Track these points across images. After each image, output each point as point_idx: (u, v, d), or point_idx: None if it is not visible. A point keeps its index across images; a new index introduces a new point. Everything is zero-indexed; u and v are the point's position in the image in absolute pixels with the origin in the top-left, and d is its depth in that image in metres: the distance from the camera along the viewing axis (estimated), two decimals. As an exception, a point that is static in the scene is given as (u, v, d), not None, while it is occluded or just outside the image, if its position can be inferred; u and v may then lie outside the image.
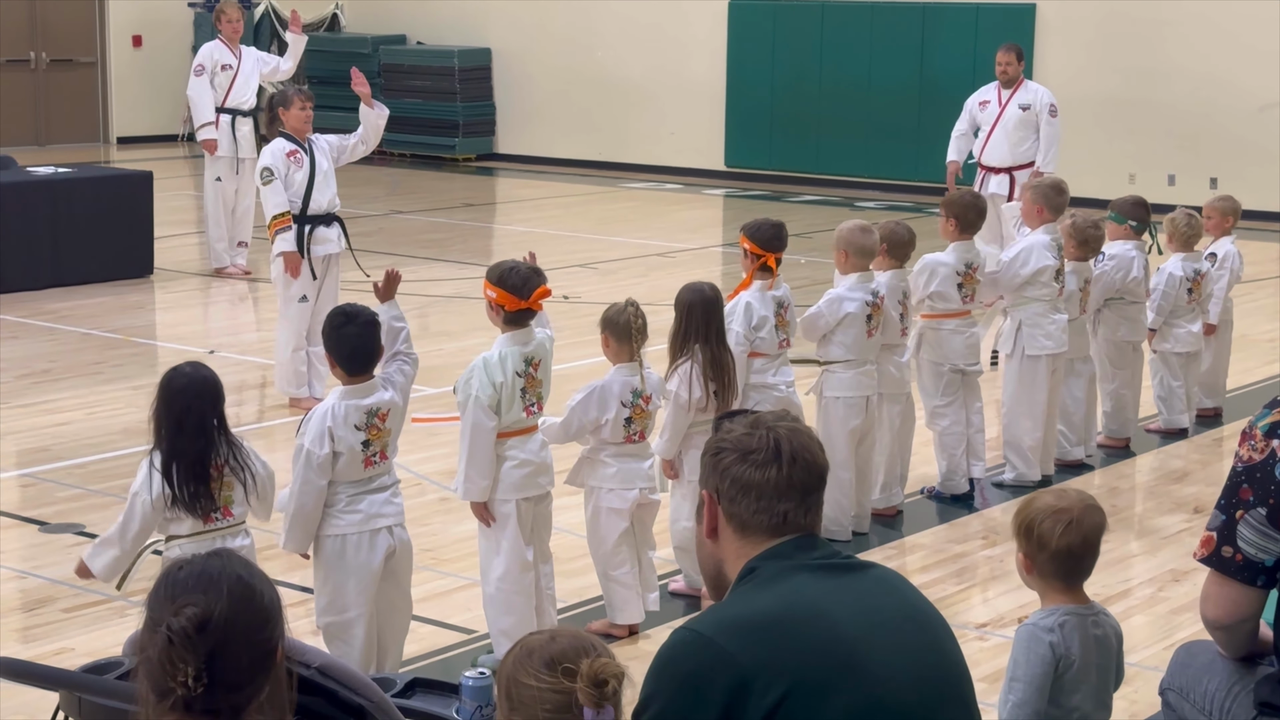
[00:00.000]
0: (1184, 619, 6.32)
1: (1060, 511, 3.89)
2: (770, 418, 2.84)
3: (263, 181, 9.17)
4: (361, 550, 5.42)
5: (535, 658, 2.69)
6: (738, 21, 20.20)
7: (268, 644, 2.52)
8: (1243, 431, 3.35)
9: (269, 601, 2.54)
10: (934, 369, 8.01)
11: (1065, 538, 3.87)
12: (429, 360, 10.03)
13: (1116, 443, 8.98)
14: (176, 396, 5.03)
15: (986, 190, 12.73)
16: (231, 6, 13.92)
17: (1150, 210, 9.09)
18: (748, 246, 7.03)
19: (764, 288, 7.00)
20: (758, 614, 2.67)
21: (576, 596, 6.56)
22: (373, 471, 5.45)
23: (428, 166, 21.61)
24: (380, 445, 5.44)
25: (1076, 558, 3.91)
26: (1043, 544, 3.88)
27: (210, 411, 5.04)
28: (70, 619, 6.31)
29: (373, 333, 5.45)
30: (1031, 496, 4.02)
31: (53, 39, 22.23)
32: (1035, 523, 3.90)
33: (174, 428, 5.01)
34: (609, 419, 6.06)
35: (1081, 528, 3.89)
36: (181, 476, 5.01)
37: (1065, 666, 3.85)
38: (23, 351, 10.78)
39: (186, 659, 2.42)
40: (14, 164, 13.70)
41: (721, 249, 15.85)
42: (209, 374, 5.11)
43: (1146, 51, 17.77)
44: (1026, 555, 3.94)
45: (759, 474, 2.77)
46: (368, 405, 5.39)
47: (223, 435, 5.07)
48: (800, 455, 2.79)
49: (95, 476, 8.14)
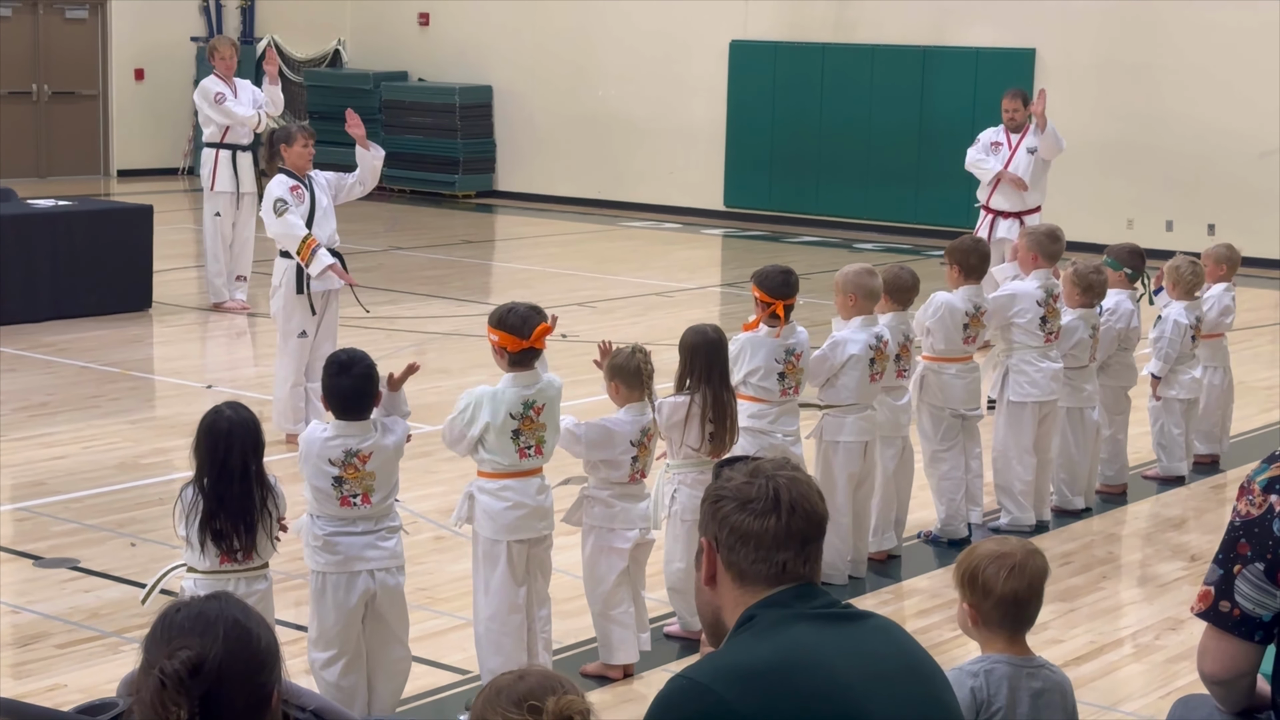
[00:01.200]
0: (1180, 668, 6.30)
1: (1003, 556, 3.86)
2: (770, 466, 2.83)
3: (276, 212, 9.11)
4: (340, 590, 5.46)
5: (503, 696, 2.73)
6: (738, 62, 20.27)
7: (263, 689, 2.51)
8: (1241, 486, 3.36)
9: (265, 645, 2.53)
10: (934, 413, 8.02)
11: (1010, 583, 3.83)
12: (425, 398, 10.03)
13: (1113, 489, 8.97)
14: (220, 439, 5.05)
15: (995, 235, 12.75)
16: (224, 43, 13.97)
17: (1145, 259, 9.12)
18: (757, 294, 7.04)
19: (771, 334, 7.00)
20: (756, 663, 2.66)
21: (574, 638, 6.54)
22: (349, 512, 5.45)
23: (428, 203, 21.65)
24: (360, 487, 5.43)
25: (1021, 603, 3.86)
26: (987, 590, 3.84)
27: (253, 456, 5.07)
28: (63, 655, 6.28)
29: (367, 384, 5.46)
30: (972, 546, 3.98)
31: (55, 71, 22.29)
32: (979, 569, 3.86)
33: (219, 471, 5.04)
34: (613, 454, 6.07)
35: (1025, 573, 3.85)
36: (225, 519, 5.03)
37: (987, 715, 3.79)
38: (21, 384, 10.77)
39: (179, 702, 2.41)
40: (14, 196, 13.72)
41: (720, 289, 15.87)
42: (250, 416, 5.14)
43: (1145, 97, 17.83)
44: (971, 605, 3.89)
45: (758, 523, 2.76)
46: (350, 445, 5.41)
47: (259, 479, 5.10)
48: (799, 505, 2.78)
49: (90, 511, 8.12)
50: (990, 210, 12.96)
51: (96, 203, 15.32)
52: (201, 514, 5.04)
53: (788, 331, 7.03)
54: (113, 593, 6.94)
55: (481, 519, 5.87)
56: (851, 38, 19.52)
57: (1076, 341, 8.39)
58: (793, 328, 7.07)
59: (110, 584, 7.06)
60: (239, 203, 13.65)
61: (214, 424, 5.08)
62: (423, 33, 22.83)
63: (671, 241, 18.92)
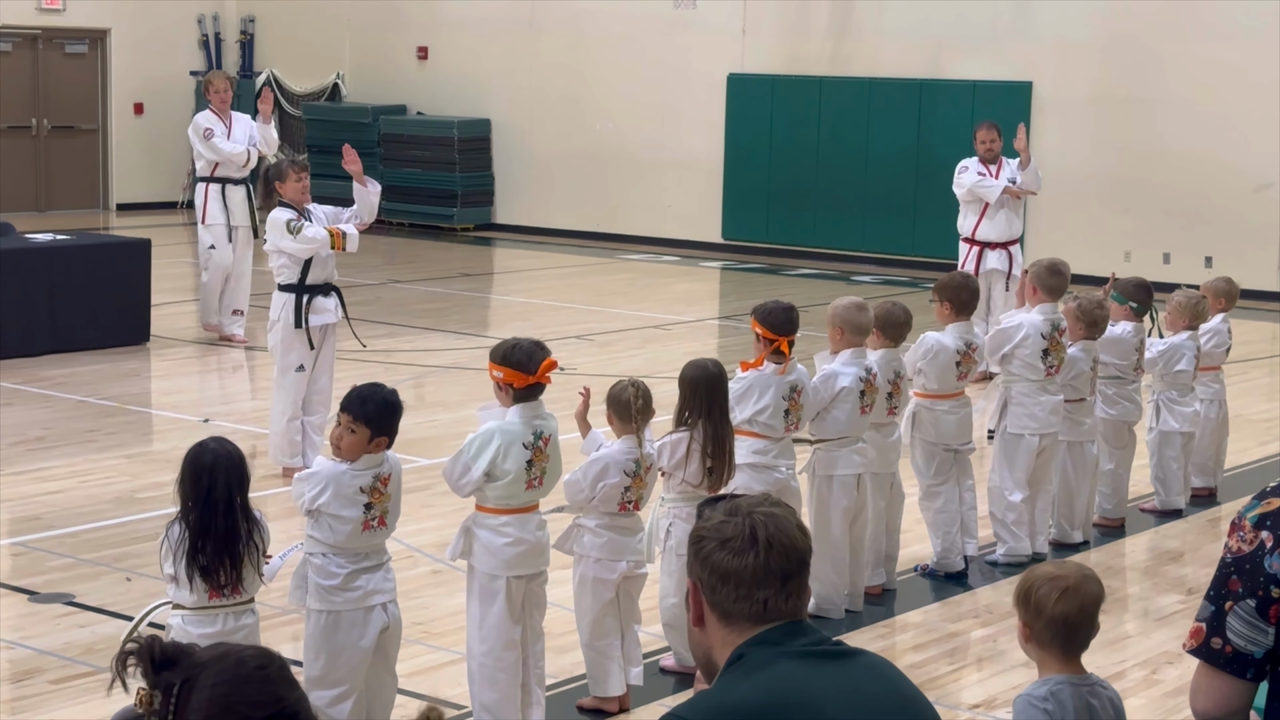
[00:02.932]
0: (1179, 702, 6.29)
1: (1057, 579, 3.95)
2: (747, 503, 2.81)
3: (292, 231, 9.05)
4: (355, 627, 5.46)
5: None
6: (736, 95, 20.33)
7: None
8: (1232, 522, 3.35)
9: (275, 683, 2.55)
10: (927, 449, 8.01)
11: (1061, 605, 3.91)
12: (423, 431, 10.04)
13: (1111, 523, 8.96)
14: (204, 473, 5.06)
15: (985, 266, 12.78)
16: (219, 78, 14.02)
17: (1152, 293, 9.10)
18: (759, 330, 7.04)
19: (776, 372, 7.00)
20: (745, 703, 2.65)
21: (568, 672, 6.53)
22: (368, 539, 5.45)
23: (426, 236, 21.68)
24: (380, 510, 5.48)
25: (1072, 626, 3.94)
26: (1039, 610, 3.93)
27: (237, 489, 5.08)
28: (58, 690, 6.27)
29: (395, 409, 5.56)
30: (1033, 567, 4.08)
31: (55, 105, 22.36)
32: (1033, 589, 3.96)
33: (203, 504, 5.05)
34: (611, 483, 6.07)
35: (1078, 596, 3.93)
36: (212, 553, 5.04)
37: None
38: (18, 418, 10.77)
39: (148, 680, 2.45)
40: (13, 230, 13.74)
41: (718, 321, 15.88)
42: (234, 450, 5.16)
43: (1142, 130, 17.87)
44: (1025, 623, 3.98)
45: (736, 561, 2.74)
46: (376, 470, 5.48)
47: (244, 512, 5.11)
48: (777, 540, 2.76)
49: (86, 546, 8.11)
50: (976, 242, 12.98)
51: (94, 237, 15.34)
52: (188, 548, 5.04)
53: (790, 368, 7.04)
54: (108, 628, 6.92)
55: (480, 554, 5.87)
56: (848, 71, 19.57)
57: (1077, 374, 8.39)
58: (793, 364, 7.07)
59: (105, 619, 7.04)
60: (230, 235, 13.65)
61: (198, 457, 5.10)
62: (421, 66, 22.91)
63: (669, 274, 18.95)
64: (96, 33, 22.61)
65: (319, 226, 9.13)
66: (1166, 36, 17.66)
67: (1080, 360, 8.40)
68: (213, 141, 13.53)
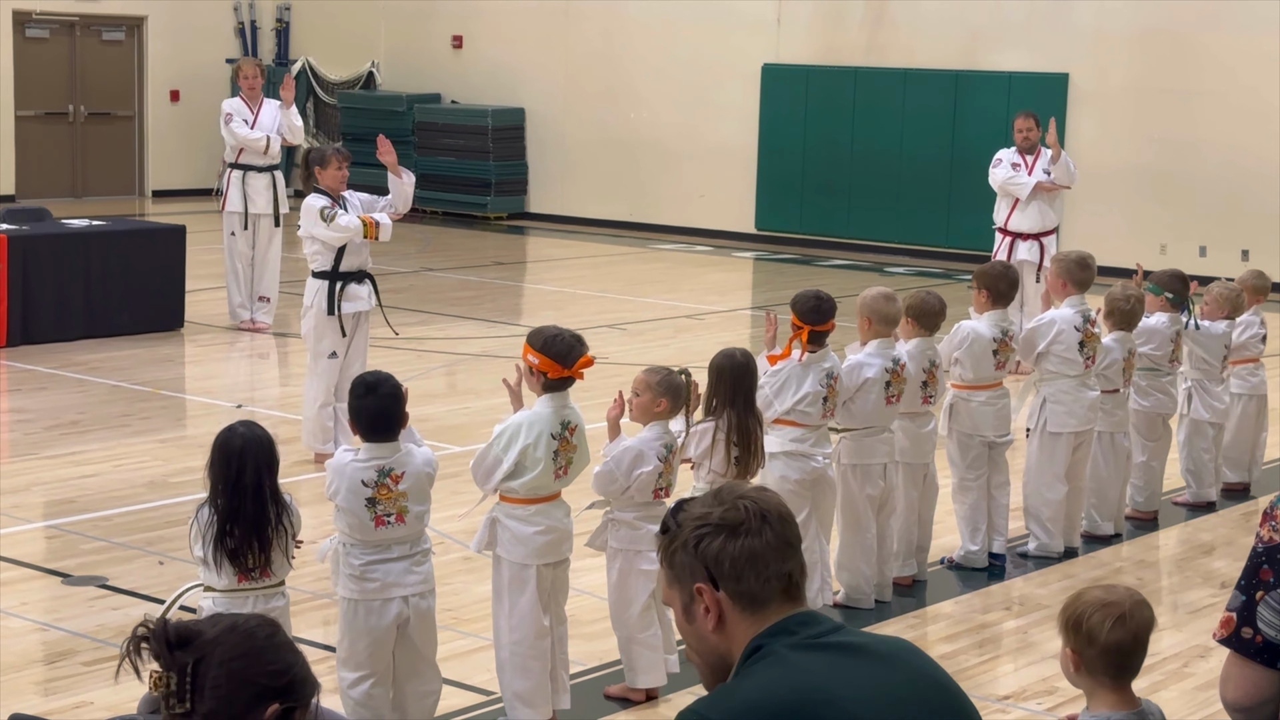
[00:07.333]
0: (1210, 695, 6.27)
1: (1110, 605, 3.80)
2: (732, 491, 2.81)
3: (326, 220, 9.09)
4: (373, 615, 5.50)
5: None
6: (770, 85, 20.29)
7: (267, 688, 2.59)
8: (1264, 512, 3.34)
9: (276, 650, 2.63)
10: (963, 441, 7.98)
11: (1115, 633, 3.77)
12: (455, 418, 10.07)
13: (1144, 515, 8.92)
14: (234, 456, 5.07)
15: (1016, 257, 12.74)
16: (249, 64, 14.05)
17: (1188, 284, 9.06)
18: (791, 318, 7.05)
19: (808, 361, 7.00)
20: (768, 700, 2.62)
21: (596, 660, 6.54)
22: (385, 534, 5.45)
23: (459, 225, 21.71)
24: (394, 507, 5.44)
25: (1126, 654, 3.80)
26: (1091, 639, 3.77)
27: (266, 473, 5.09)
28: (91, 672, 6.31)
29: (393, 404, 5.47)
30: (1079, 592, 3.92)
31: (92, 92, 22.45)
32: (1084, 617, 3.79)
33: (232, 488, 5.07)
34: (645, 471, 6.07)
35: (1132, 623, 3.79)
36: (240, 536, 5.05)
37: None
38: (53, 403, 10.84)
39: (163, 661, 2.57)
40: (49, 216, 13.81)
41: (750, 312, 15.86)
42: (264, 434, 5.17)
43: (1179, 122, 17.77)
44: (1075, 651, 3.81)
45: (757, 542, 2.73)
46: (381, 464, 5.43)
47: (274, 496, 5.12)
48: (780, 512, 2.77)
49: (120, 529, 8.16)
50: (1008, 233, 12.96)
51: (129, 223, 15.41)
52: (216, 531, 5.07)
53: (823, 355, 7.04)
54: (140, 611, 6.95)
55: (509, 544, 5.87)
56: (883, 62, 19.52)
57: (1110, 363, 8.35)
58: (826, 351, 7.07)
59: (138, 602, 7.08)
60: (249, 223, 13.65)
61: (227, 441, 5.11)
62: (456, 55, 22.93)
63: (702, 264, 18.94)
64: (134, 20, 22.70)
65: (353, 215, 9.16)
66: (1204, 28, 17.56)
67: (1114, 350, 8.37)
68: (231, 126, 13.57)
